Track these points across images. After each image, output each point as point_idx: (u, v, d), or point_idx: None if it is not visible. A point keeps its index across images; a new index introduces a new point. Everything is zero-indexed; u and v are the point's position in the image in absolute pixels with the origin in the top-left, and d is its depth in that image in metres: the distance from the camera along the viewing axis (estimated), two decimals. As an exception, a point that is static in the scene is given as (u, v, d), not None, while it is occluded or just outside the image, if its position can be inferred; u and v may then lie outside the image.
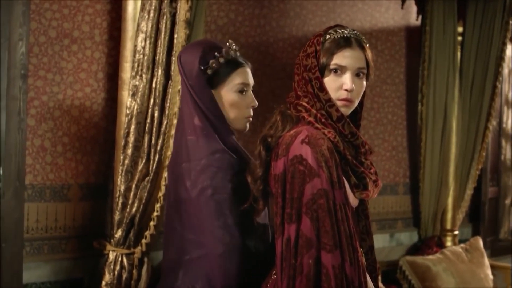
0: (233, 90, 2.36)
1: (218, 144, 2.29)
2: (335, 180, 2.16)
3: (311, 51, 2.27)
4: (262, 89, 4.33)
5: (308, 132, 2.17)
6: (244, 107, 2.36)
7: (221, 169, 2.24)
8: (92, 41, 3.55)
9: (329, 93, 2.23)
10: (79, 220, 3.52)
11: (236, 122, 2.36)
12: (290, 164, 2.16)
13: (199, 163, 2.26)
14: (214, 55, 2.36)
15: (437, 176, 5.32)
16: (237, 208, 2.25)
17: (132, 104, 3.34)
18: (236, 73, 2.36)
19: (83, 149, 3.54)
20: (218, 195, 2.22)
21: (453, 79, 5.26)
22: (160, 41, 3.33)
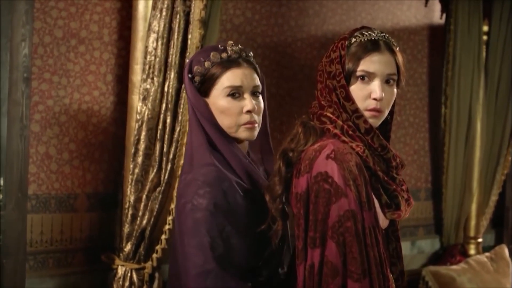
0: (222, 95, 2.12)
1: (208, 157, 2.07)
2: (364, 200, 1.98)
3: (335, 57, 2.09)
4: (280, 91, 4.22)
5: (334, 146, 2.00)
6: (236, 113, 2.10)
7: (206, 184, 2.01)
8: (100, 41, 3.41)
9: (356, 102, 2.06)
10: (86, 232, 3.39)
11: (232, 130, 2.12)
12: (314, 182, 1.99)
13: (187, 177, 2.07)
14: (199, 60, 2.15)
15: (461, 182, 5.21)
16: (225, 227, 2.01)
17: (142, 109, 3.18)
18: (225, 75, 2.11)
19: (91, 157, 3.40)
20: (197, 211, 1.99)
21: (478, 80, 5.15)
22: (173, 41, 3.18)
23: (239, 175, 2.08)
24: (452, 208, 5.21)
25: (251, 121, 2.11)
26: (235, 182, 2.04)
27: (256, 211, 2.07)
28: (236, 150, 2.11)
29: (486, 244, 5.63)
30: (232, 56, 2.14)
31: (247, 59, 2.17)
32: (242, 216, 2.03)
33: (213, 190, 2.00)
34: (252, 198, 2.08)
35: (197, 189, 2.00)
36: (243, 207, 2.04)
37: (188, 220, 1.99)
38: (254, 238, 2.06)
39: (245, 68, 2.13)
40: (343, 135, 2.05)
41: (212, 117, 2.11)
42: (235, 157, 2.10)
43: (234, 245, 2.01)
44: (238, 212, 2.03)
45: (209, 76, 2.12)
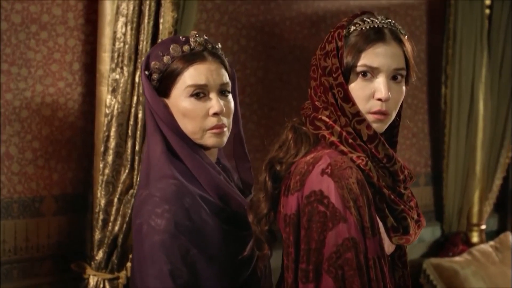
0: (184, 95, 1.82)
1: (167, 169, 1.78)
2: (367, 225, 1.66)
3: (330, 49, 1.77)
4: (268, 75, 3.95)
5: (331, 159, 1.69)
6: (201, 116, 1.81)
7: (164, 201, 1.72)
8: (65, 26, 3.10)
9: (357, 104, 1.74)
10: (54, 238, 3.13)
11: (196, 136, 1.82)
12: (307, 203, 1.67)
13: (143, 192, 1.79)
14: (158, 55, 1.85)
15: (463, 166, 5.00)
16: (189, 250, 1.71)
17: (112, 102, 2.90)
18: (187, 72, 1.82)
19: (58, 155, 3.11)
20: (155, 234, 1.70)
21: (480, 58, 4.93)
22: (143, 26, 2.88)
23: (206, 189, 1.80)
24: (453, 194, 5.01)
25: (219, 125, 1.82)
26: (199, 197, 1.76)
27: (227, 230, 1.79)
28: (203, 158, 1.83)
29: (489, 229, 5.43)
30: (196, 48, 1.84)
31: (213, 52, 1.87)
32: (210, 237, 1.76)
33: (173, 207, 1.71)
34: (222, 215, 1.79)
35: (154, 207, 1.72)
36: (211, 225, 1.76)
37: (145, 245, 1.71)
38: (227, 262, 1.78)
39: (211, 63, 1.84)
40: (341, 144, 1.74)
41: (172, 121, 1.82)
42: (201, 167, 1.81)
43: (202, 271, 1.73)
44: (205, 232, 1.75)
45: (168, 73, 1.83)
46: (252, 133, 3.86)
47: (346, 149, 1.72)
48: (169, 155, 1.79)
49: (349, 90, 1.74)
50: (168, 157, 1.79)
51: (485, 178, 5.09)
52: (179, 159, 1.80)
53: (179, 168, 1.78)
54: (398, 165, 1.76)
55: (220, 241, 1.77)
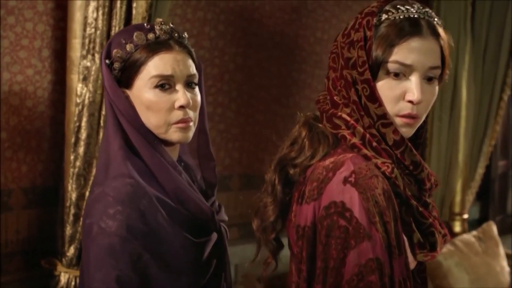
0: (148, 86, 1.69)
1: (123, 167, 1.65)
2: (394, 244, 1.45)
3: (357, 38, 1.55)
4: (247, 61, 3.82)
5: (355, 166, 1.48)
6: (166, 109, 1.68)
7: (118, 201, 1.59)
8: (33, 11, 2.94)
9: (385, 105, 1.54)
10: (23, 234, 2.99)
11: (160, 131, 1.69)
12: (325, 215, 1.48)
13: (97, 189, 1.66)
14: (120, 42, 1.71)
15: (445, 155, 4.91)
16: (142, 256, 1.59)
17: (83, 91, 2.76)
18: (152, 61, 1.68)
19: (27, 146, 2.97)
20: (105, 236, 1.58)
21: (464, 44, 4.81)
22: (116, 11, 2.73)
23: (165, 189, 1.67)
24: None
25: (185, 119, 1.69)
26: (156, 199, 1.63)
27: (184, 235, 1.66)
28: (164, 156, 1.70)
29: (471, 217, 5.36)
30: (161, 37, 1.71)
31: (180, 41, 1.74)
32: (165, 242, 1.63)
33: (126, 209, 1.58)
34: (180, 219, 1.66)
35: (106, 207, 1.59)
36: (167, 230, 1.64)
37: (94, 247, 1.59)
38: (182, 269, 1.66)
39: (178, 53, 1.71)
40: (364, 147, 1.53)
41: (134, 115, 1.69)
42: (161, 167, 1.68)
43: (155, 278, 1.61)
44: (160, 236, 1.62)
45: (131, 63, 1.69)
46: (231, 122, 3.74)
47: (369, 153, 1.52)
48: (128, 151, 1.66)
49: (377, 88, 1.53)
50: (126, 154, 1.66)
51: (467, 167, 5.00)
52: (138, 156, 1.67)
53: (137, 166, 1.65)
54: (425, 173, 1.57)
55: (176, 246, 1.65)
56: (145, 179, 1.64)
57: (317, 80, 4.13)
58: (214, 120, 3.64)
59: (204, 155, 1.86)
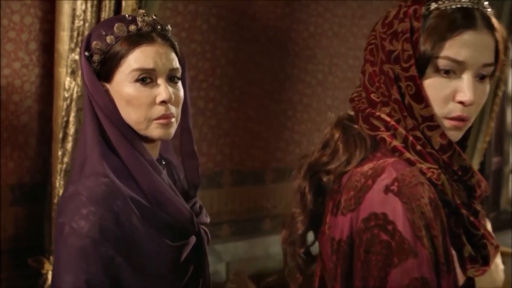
0: (128, 80, 1.62)
1: (99, 165, 1.59)
2: (442, 260, 1.30)
3: (402, 29, 1.39)
4: (239, 56, 3.77)
5: (397, 172, 1.33)
6: (147, 104, 1.62)
7: (91, 201, 1.53)
8: (21, 2, 2.89)
9: (432, 105, 1.38)
10: (10, 231, 2.94)
11: (141, 127, 1.63)
12: (364, 229, 1.33)
13: (71, 188, 1.60)
14: (100, 34, 1.65)
15: None
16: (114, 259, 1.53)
17: (71, 85, 2.72)
18: (133, 54, 1.62)
19: (13, 142, 2.92)
20: (77, 237, 1.52)
21: None
22: (105, 3, 2.68)
23: (142, 190, 1.61)
24: None
25: (167, 115, 1.62)
26: (131, 200, 1.57)
27: (160, 238, 1.60)
28: (143, 155, 1.64)
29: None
30: (143, 29, 1.64)
31: (163, 33, 1.67)
32: (140, 245, 1.57)
33: (99, 210, 1.52)
34: (156, 221, 1.60)
35: (79, 207, 1.53)
36: (142, 232, 1.57)
37: (65, 248, 1.52)
38: (157, 273, 1.59)
39: (160, 46, 1.64)
40: (407, 151, 1.38)
41: (113, 110, 1.63)
42: (139, 165, 1.62)
43: (127, 282, 1.55)
44: (135, 239, 1.56)
45: (111, 55, 1.62)
46: (223, 117, 3.69)
47: (413, 157, 1.36)
48: (105, 148, 1.60)
49: (423, 87, 1.38)
50: (103, 151, 1.59)
51: (462, 163, 4.96)
52: (116, 153, 1.62)
53: (114, 164, 1.59)
54: (475, 178, 1.41)
55: (151, 250, 1.58)
56: (121, 178, 1.58)
57: (310, 75, 4.08)
58: (206, 115, 3.59)
59: (187, 154, 1.78)
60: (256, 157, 3.85)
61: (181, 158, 1.78)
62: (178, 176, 1.78)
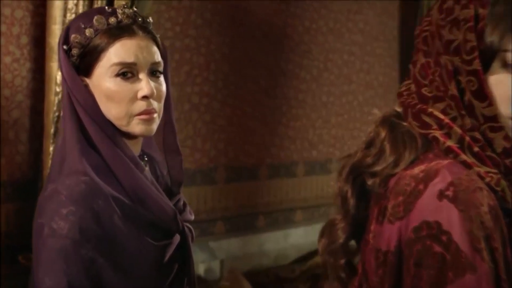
0: (108, 74, 1.57)
1: (78, 163, 1.54)
2: (504, 276, 1.16)
3: (465, 17, 1.25)
4: (234, 52, 3.73)
5: (453, 176, 1.19)
6: (128, 99, 1.57)
7: (71, 200, 1.48)
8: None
9: (496, 104, 1.24)
10: (1, 228, 2.90)
11: (122, 123, 1.57)
12: (415, 239, 1.19)
13: (50, 187, 1.53)
14: (79, 27, 1.59)
15: None
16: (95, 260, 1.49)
17: None
18: (113, 48, 1.56)
19: (4, 137, 2.88)
20: (56, 238, 1.46)
21: None
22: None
23: (124, 188, 1.56)
24: None
25: (149, 110, 1.57)
26: (113, 198, 1.52)
27: (143, 238, 1.55)
28: (124, 151, 1.59)
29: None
30: (124, 21, 1.58)
31: (144, 26, 1.62)
32: (122, 245, 1.52)
33: (80, 209, 1.47)
34: (139, 220, 1.56)
35: (59, 206, 1.47)
36: (124, 232, 1.53)
37: (44, 250, 1.47)
38: (140, 273, 1.55)
39: (141, 39, 1.58)
40: (462, 152, 1.24)
41: (93, 105, 1.57)
42: (121, 162, 1.57)
43: (109, 284, 1.50)
44: (116, 239, 1.52)
45: (91, 49, 1.57)
46: (217, 112, 3.65)
47: (469, 159, 1.22)
48: (85, 145, 1.55)
49: (487, 83, 1.23)
50: (83, 148, 1.54)
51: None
52: (96, 150, 1.57)
53: (94, 162, 1.55)
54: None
55: (134, 250, 1.54)
56: (102, 176, 1.53)
57: (305, 71, 4.05)
58: (200, 110, 3.55)
59: (170, 150, 1.73)
60: (251, 153, 3.82)
61: (163, 154, 1.74)
62: (161, 173, 1.73)
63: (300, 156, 4.09)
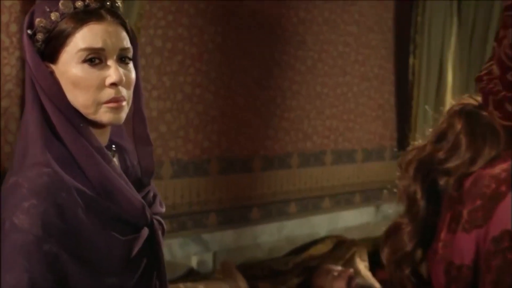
0: (75, 60, 1.51)
1: (40, 154, 1.48)
2: None
3: None
4: (227, 42, 3.68)
5: None
6: (96, 86, 1.52)
7: (33, 193, 1.42)
8: (0, -18, 2.81)
9: None
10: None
11: (89, 111, 1.52)
12: (495, 252, 1.02)
13: (11, 179, 1.48)
14: (44, 11, 1.53)
15: None
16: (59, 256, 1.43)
17: None
18: (80, 33, 1.51)
19: (-7, 126, 2.83)
20: (17, 233, 1.42)
21: (450, 26, 4.81)
22: (88, -17, 2.53)
23: (89, 180, 1.51)
24: None
25: (117, 98, 1.52)
26: (77, 191, 1.47)
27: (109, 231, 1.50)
28: (91, 141, 1.53)
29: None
30: (91, 5, 1.52)
31: (112, 10, 1.55)
32: (87, 239, 1.47)
33: (42, 203, 1.42)
34: (105, 213, 1.51)
35: (21, 200, 1.42)
36: (88, 226, 1.47)
37: (5, 245, 1.42)
38: (106, 268, 1.50)
39: (110, 24, 1.53)
40: None
41: (58, 92, 1.51)
42: (86, 153, 1.52)
43: (74, 280, 1.45)
44: (81, 233, 1.46)
45: (56, 34, 1.50)
46: (210, 104, 3.60)
47: None
48: (49, 135, 1.49)
49: None
50: (46, 139, 1.48)
51: (452, 152, 4.93)
52: (61, 140, 1.51)
53: (58, 153, 1.49)
54: None
55: (99, 245, 1.49)
56: (66, 167, 1.47)
57: (299, 62, 4.01)
58: (193, 101, 3.51)
59: (140, 139, 1.67)
60: (244, 145, 3.78)
61: (133, 144, 1.67)
62: (132, 163, 1.66)
63: (294, 147, 4.06)
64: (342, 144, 4.41)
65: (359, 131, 4.56)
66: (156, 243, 1.59)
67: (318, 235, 4.13)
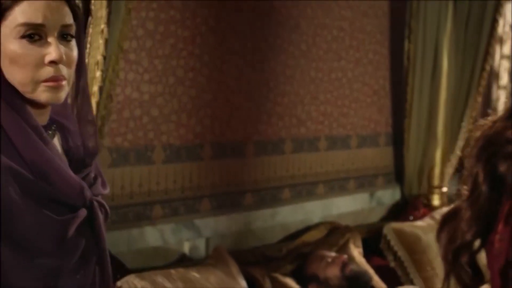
0: (13, 35, 1.46)
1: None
2: None
3: None
4: (220, 25, 3.62)
5: None
6: (34, 63, 1.47)
7: None
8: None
9: None
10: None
11: (27, 89, 1.47)
12: None
13: None
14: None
15: (425, 126, 4.84)
16: None
17: None
18: (19, 7, 1.45)
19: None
20: None
21: (445, 10, 4.73)
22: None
23: (24, 160, 1.46)
24: (415, 155, 4.86)
25: (57, 77, 1.47)
26: (9, 170, 1.43)
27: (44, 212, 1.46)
28: (27, 121, 1.49)
29: (450, 191, 5.24)
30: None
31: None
32: (20, 220, 1.43)
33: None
34: (39, 194, 1.47)
35: None
36: (22, 207, 1.44)
37: None
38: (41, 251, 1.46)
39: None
40: None
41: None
42: (22, 133, 1.48)
43: (6, 262, 1.42)
44: (14, 214, 1.42)
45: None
46: (203, 87, 3.55)
47: None
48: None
49: None
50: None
51: (447, 138, 4.91)
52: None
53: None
54: None
55: (32, 225, 1.45)
56: (2, 147, 1.43)
57: (293, 46, 3.95)
58: (185, 85, 3.45)
59: (84, 119, 1.62)
60: (237, 130, 3.72)
61: (78, 125, 1.61)
62: (75, 144, 1.61)
63: (288, 133, 4.01)
64: (337, 129, 4.36)
65: (353, 117, 4.51)
66: (97, 225, 1.55)
67: (311, 221, 4.10)
